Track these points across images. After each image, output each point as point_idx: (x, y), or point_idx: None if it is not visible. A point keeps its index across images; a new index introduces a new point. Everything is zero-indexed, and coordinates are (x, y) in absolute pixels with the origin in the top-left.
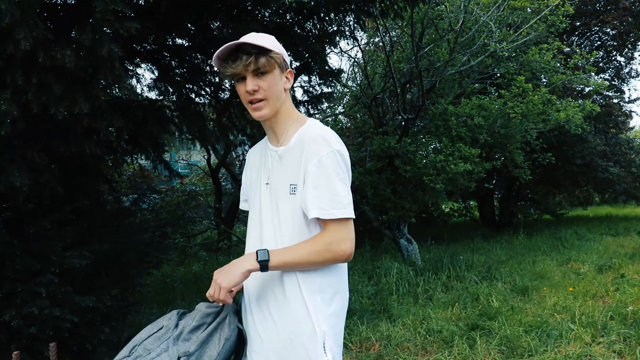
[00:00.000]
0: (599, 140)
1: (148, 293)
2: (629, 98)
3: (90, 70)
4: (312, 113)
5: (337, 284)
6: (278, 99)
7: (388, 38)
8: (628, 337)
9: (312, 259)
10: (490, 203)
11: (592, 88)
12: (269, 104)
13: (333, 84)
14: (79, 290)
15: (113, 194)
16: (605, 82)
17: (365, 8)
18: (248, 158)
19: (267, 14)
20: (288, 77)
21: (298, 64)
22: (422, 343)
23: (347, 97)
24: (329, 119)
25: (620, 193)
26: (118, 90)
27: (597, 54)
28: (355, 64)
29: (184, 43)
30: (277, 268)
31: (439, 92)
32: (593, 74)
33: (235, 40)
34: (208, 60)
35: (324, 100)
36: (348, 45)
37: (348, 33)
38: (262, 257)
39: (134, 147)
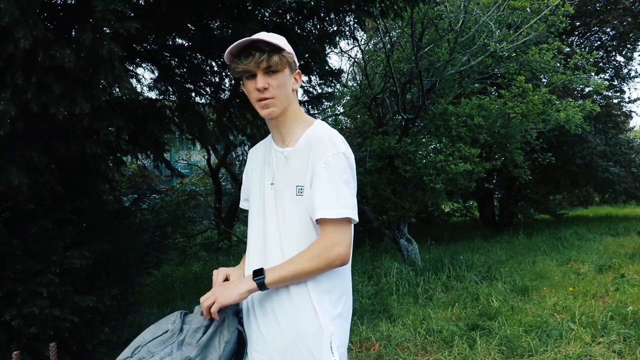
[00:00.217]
0: (599, 140)
1: (148, 293)
2: (629, 98)
3: (91, 70)
4: (312, 113)
5: (343, 286)
6: (287, 99)
7: (388, 38)
8: (628, 337)
9: (307, 268)
10: (490, 203)
11: (592, 88)
12: (278, 103)
13: (333, 84)
14: (79, 290)
15: (113, 194)
16: (605, 82)
17: (365, 8)
18: (250, 157)
19: (267, 14)
20: (297, 78)
21: (298, 64)
22: (422, 343)
23: (347, 97)
24: (329, 119)
25: (620, 193)
26: (118, 90)
27: (597, 54)
28: (355, 64)
29: (184, 43)
30: (275, 285)
31: (439, 92)
32: (593, 74)
33: (249, 37)
34: (208, 60)
35: (324, 100)
36: (348, 45)
37: (348, 33)
38: (258, 276)
39: (134, 147)
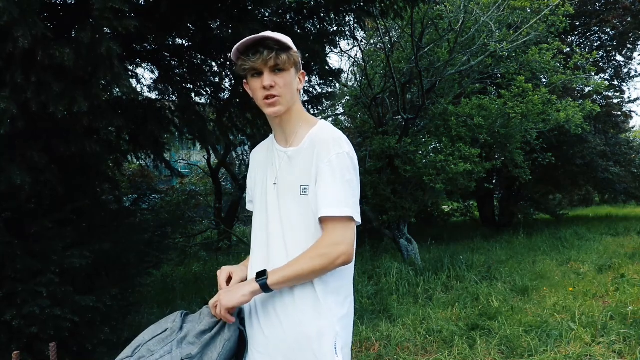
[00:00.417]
0: (599, 140)
1: (148, 293)
2: (629, 98)
3: (90, 69)
4: (312, 113)
5: (347, 287)
6: (292, 98)
7: (388, 38)
8: (628, 337)
9: (311, 268)
10: (490, 203)
11: (592, 88)
12: (284, 101)
13: (333, 84)
14: (79, 290)
15: (113, 194)
16: (605, 82)
17: (365, 8)
18: (252, 158)
19: (267, 14)
20: (301, 78)
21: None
22: (422, 343)
23: (347, 97)
24: (329, 119)
25: (620, 193)
26: (117, 89)
27: (597, 54)
28: (355, 64)
29: (184, 43)
30: (278, 286)
31: (439, 92)
32: (593, 74)
33: (258, 34)
34: (208, 60)
35: (324, 100)
36: (348, 45)
37: (348, 33)
38: (260, 278)
39: (135, 146)
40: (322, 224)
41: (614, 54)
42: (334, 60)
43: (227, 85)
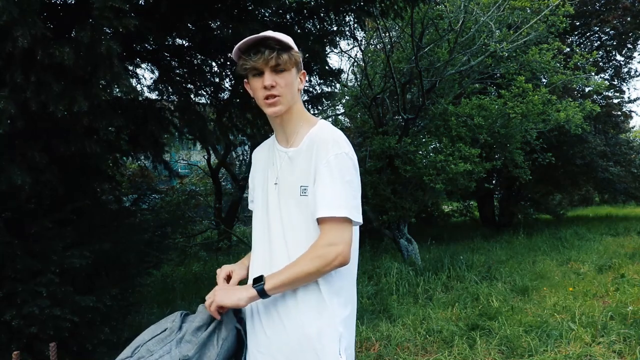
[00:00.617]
0: (599, 140)
1: (148, 293)
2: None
3: (90, 69)
4: (312, 113)
5: (351, 288)
6: (292, 98)
7: (388, 38)
8: (628, 337)
9: (308, 270)
10: (490, 203)
11: (592, 88)
12: (284, 101)
13: (333, 84)
14: (79, 290)
15: (113, 194)
16: (605, 82)
17: (366, 8)
18: (253, 158)
19: (267, 14)
20: (302, 78)
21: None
22: (422, 343)
23: (347, 97)
24: (329, 119)
25: (620, 193)
26: (117, 88)
27: (597, 54)
28: (355, 64)
29: (184, 43)
30: (275, 291)
31: (439, 92)
32: (593, 74)
33: (259, 34)
34: (208, 60)
35: (324, 100)
36: (348, 45)
37: (348, 33)
38: (257, 284)
39: (134, 146)
40: (319, 225)
41: (614, 54)
42: (334, 60)
43: (227, 85)
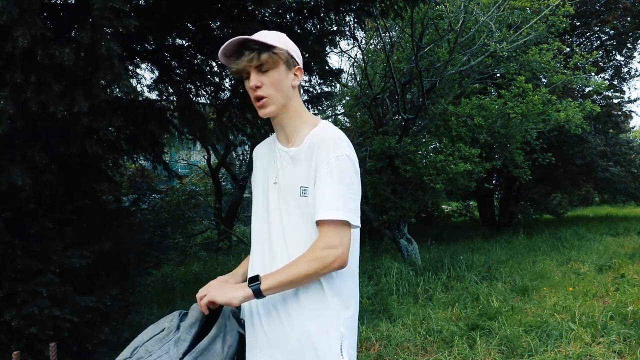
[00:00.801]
0: (599, 141)
1: (148, 293)
2: (629, 98)
3: (90, 69)
4: (312, 113)
5: (353, 289)
6: (284, 96)
7: (388, 38)
8: (628, 337)
9: (305, 272)
10: (490, 203)
11: (592, 88)
12: (273, 101)
13: (333, 84)
14: (79, 290)
15: (113, 194)
16: (605, 82)
17: (365, 8)
18: (254, 156)
19: (267, 14)
20: (297, 74)
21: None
22: (422, 343)
23: (347, 97)
24: (329, 119)
25: (620, 193)
26: (117, 89)
27: (597, 54)
28: (355, 64)
29: (184, 43)
30: (271, 291)
31: (439, 92)
32: (593, 74)
33: (238, 37)
34: (208, 60)
35: (324, 100)
36: (348, 45)
37: (348, 33)
38: (253, 284)
39: (134, 147)
40: (318, 227)
41: (614, 54)
42: (334, 60)
43: (227, 85)
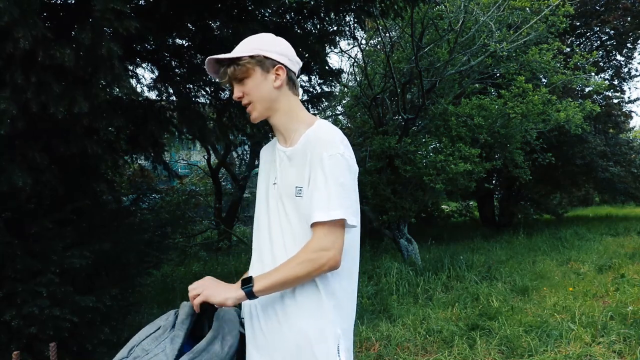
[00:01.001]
0: (599, 141)
1: (148, 293)
2: (629, 98)
3: (90, 70)
4: (312, 113)
5: (349, 289)
6: (266, 100)
7: (388, 38)
8: (628, 337)
9: (297, 274)
10: (490, 203)
11: (592, 88)
12: (255, 107)
13: (333, 84)
14: (79, 290)
15: (113, 194)
16: (605, 82)
17: (366, 8)
18: (260, 157)
19: (267, 14)
20: (278, 73)
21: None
22: (422, 343)
23: (347, 97)
24: (329, 119)
25: (620, 193)
26: (118, 90)
27: (597, 54)
28: (355, 64)
29: (184, 43)
30: (264, 293)
31: (439, 92)
32: (593, 74)
33: (209, 57)
34: None
35: (324, 100)
36: (348, 45)
37: (348, 33)
38: (246, 285)
39: (134, 147)
40: (311, 228)
41: (614, 54)
42: (334, 60)
43: (227, 85)
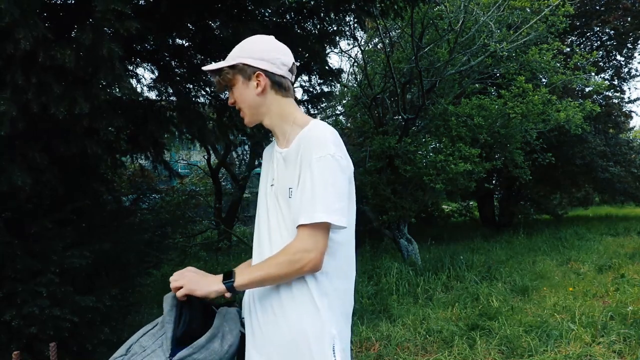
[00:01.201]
0: (599, 141)
1: (148, 293)
2: (629, 98)
3: (91, 70)
4: (312, 113)
5: (344, 290)
6: (252, 107)
7: (388, 38)
8: (628, 337)
9: (276, 274)
10: (490, 203)
11: (592, 88)
12: (245, 113)
13: (333, 84)
14: (79, 290)
15: (113, 194)
16: (605, 82)
17: (366, 8)
18: (263, 158)
19: (267, 14)
20: (259, 80)
21: (298, 64)
22: (422, 343)
23: (347, 97)
24: (329, 119)
25: (620, 193)
26: (118, 90)
27: (597, 54)
28: (355, 64)
29: (184, 43)
30: (244, 287)
31: (439, 92)
32: (593, 74)
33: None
34: (208, 60)
35: (324, 100)
36: (348, 45)
37: (348, 33)
38: (227, 281)
39: (134, 147)
40: (297, 229)
41: (614, 54)
42: (334, 60)
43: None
